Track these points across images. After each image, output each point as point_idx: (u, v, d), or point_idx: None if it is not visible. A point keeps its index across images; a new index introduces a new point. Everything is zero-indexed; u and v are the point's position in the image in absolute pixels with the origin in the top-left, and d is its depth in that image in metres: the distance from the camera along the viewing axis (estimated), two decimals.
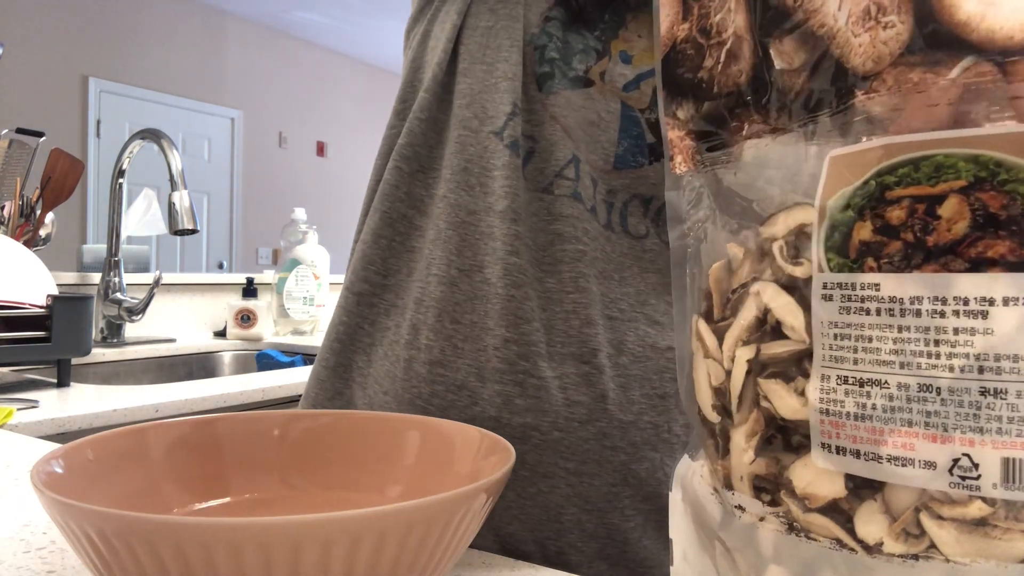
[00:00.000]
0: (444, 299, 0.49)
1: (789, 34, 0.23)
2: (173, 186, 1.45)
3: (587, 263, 0.49)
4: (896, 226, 0.21)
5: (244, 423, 0.42)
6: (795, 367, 0.23)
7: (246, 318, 1.76)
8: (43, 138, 1.45)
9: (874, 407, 0.21)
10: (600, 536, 0.48)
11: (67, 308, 1.05)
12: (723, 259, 0.27)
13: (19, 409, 0.90)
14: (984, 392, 0.20)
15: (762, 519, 0.25)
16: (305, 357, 1.62)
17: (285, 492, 0.42)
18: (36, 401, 0.96)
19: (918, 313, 0.20)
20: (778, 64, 0.24)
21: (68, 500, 0.27)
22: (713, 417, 0.27)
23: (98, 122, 4.72)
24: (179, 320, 1.84)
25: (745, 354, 0.25)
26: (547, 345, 0.48)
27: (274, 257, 5.66)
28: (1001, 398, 0.19)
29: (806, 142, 0.23)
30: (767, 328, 0.24)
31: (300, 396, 1.23)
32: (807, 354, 0.23)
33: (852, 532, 0.22)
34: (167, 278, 1.75)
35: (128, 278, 1.66)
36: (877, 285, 0.21)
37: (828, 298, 0.22)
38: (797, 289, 0.24)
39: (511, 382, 0.47)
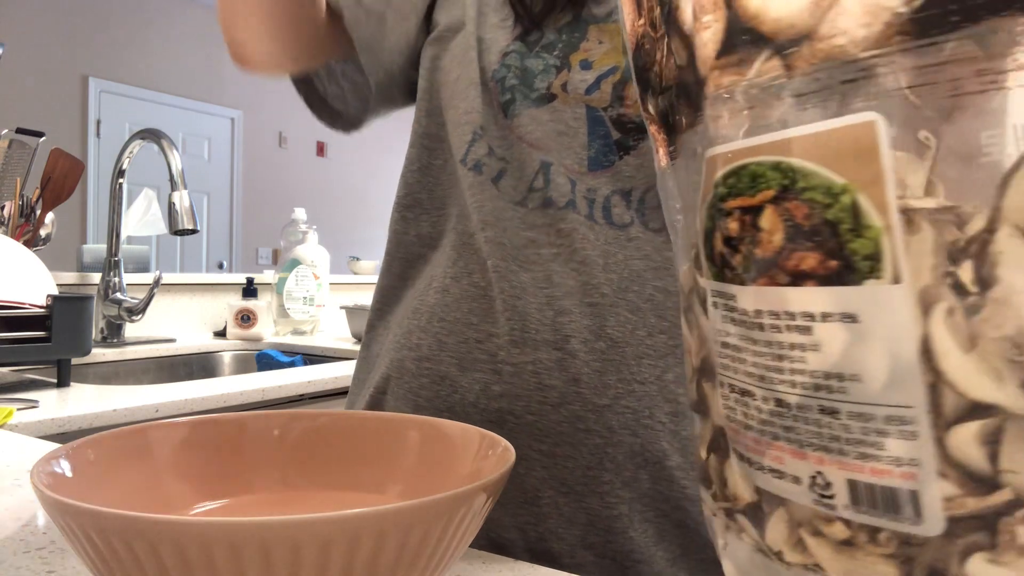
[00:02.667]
0: (436, 304, 0.54)
1: (675, 31, 0.22)
2: (173, 186, 1.45)
3: (562, 261, 0.51)
4: (734, 238, 0.20)
5: (244, 423, 0.42)
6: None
7: (246, 318, 1.76)
8: (43, 138, 1.45)
9: (752, 417, 0.20)
10: (580, 522, 0.50)
11: (67, 308, 1.05)
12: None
13: (19, 409, 0.90)
14: (822, 411, 0.18)
15: (714, 514, 0.25)
16: (305, 357, 1.62)
17: (285, 492, 0.42)
18: (36, 401, 0.96)
19: (762, 327, 0.19)
20: (676, 60, 0.22)
21: (68, 500, 0.27)
22: (692, 410, 0.27)
23: (98, 122, 4.71)
24: (179, 320, 1.84)
25: (702, 353, 0.24)
26: (522, 333, 0.51)
27: (274, 257, 5.66)
28: (836, 418, 0.18)
29: (697, 142, 0.22)
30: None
31: (300, 396, 1.24)
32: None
33: (763, 537, 0.22)
34: (167, 278, 1.75)
35: (128, 278, 1.66)
36: (734, 296, 0.20)
37: (715, 305, 0.21)
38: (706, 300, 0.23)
39: (489, 370, 0.51)
